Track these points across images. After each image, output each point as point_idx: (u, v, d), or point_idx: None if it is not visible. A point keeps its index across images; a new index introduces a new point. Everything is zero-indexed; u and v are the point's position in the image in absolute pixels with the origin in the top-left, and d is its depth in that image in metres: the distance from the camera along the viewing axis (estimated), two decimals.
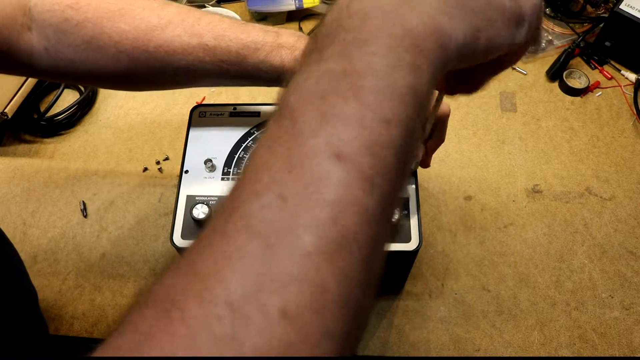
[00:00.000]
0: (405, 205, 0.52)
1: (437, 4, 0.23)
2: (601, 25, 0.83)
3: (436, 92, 0.40)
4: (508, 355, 0.61)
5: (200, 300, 0.18)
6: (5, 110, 0.76)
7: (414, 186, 0.53)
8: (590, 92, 0.81)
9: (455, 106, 0.80)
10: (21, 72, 0.48)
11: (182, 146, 0.56)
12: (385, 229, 0.21)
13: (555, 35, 0.87)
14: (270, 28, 0.47)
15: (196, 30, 0.45)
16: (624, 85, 0.81)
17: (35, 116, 0.80)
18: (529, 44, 0.28)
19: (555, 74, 0.82)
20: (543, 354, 0.61)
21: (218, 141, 0.56)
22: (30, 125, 0.80)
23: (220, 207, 0.21)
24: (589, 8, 0.88)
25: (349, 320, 0.19)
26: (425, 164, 0.54)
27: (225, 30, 0.45)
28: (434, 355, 0.61)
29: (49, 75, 0.48)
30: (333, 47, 0.22)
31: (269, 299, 0.18)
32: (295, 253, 0.18)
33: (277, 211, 0.19)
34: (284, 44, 0.46)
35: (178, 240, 0.51)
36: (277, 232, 0.19)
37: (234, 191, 0.21)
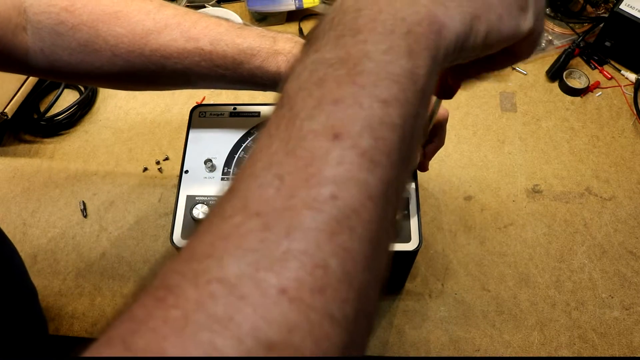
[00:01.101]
0: (405, 205, 0.52)
1: None
2: (601, 25, 0.83)
3: (434, 97, 0.40)
4: (508, 355, 0.61)
5: (196, 282, 0.17)
6: (5, 110, 0.76)
7: (414, 186, 0.53)
8: (590, 92, 0.81)
9: (455, 106, 0.80)
10: (17, 71, 0.48)
11: (182, 146, 0.56)
12: (390, 211, 0.21)
13: (555, 35, 0.87)
14: (267, 33, 0.47)
15: (192, 34, 0.45)
16: (624, 85, 0.81)
17: (35, 116, 0.80)
18: (538, 34, 0.27)
19: (555, 74, 0.82)
20: (543, 354, 0.61)
21: (218, 141, 0.56)
22: (30, 125, 0.80)
23: (221, 193, 0.21)
24: (589, 8, 0.88)
25: (352, 302, 0.18)
26: (423, 167, 0.54)
27: (222, 35, 0.45)
28: (434, 355, 0.61)
29: (45, 74, 0.48)
30: (327, 38, 0.22)
31: (266, 277, 0.17)
32: (294, 230, 0.18)
33: (275, 190, 0.19)
34: (280, 50, 0.45)
35: (178, 240, 0.51)
36: (275, 211, 0.18)
37: (235, 178, 0.21)
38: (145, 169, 0.76)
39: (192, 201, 0.53)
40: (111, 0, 0.45)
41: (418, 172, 0.54)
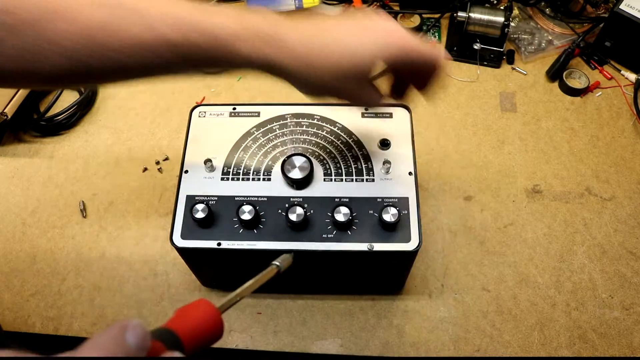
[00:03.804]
0: (405, 205, 0.52)
1: None
2: (601, 25, 0.83)
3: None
4: (508, 356, 0.61)
5: None
6: (5, 110, 0.76)
7: (414, 186, 0.53)
8: (590, 92, 0.81)
9: (455, 106, 0.80)
10: None
11: (182, 146, 0.56)
12: None
13: (555, 35, 0.87)
14: (233, 12, 0.42)
15: (149, 21, 0.39)
16: (624, 85, 0.81)
17: (35, 116, 0.80)
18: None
19: (555, 74, 0.82)
20: (543, 354, 0.61)
21: (218, 141, 0.56)
22: (30, 126, 0.80)
23: None
24: (589, 8, 0.88)
25: None
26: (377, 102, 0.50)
27: (184, 20, 0.40)
28: (434, 355, 0.61)
29: None
30: None
31: None
32: None
33: None
34: (250, 28, 0.41)
35: (178, 240, 0.51)
36: None
37: None
38: (145, 169, 0.76)
39: (192, 201, 0.53)
40: None
41: (418, 172, 0.54)
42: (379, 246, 0.50)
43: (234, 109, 0.59)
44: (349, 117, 0.58)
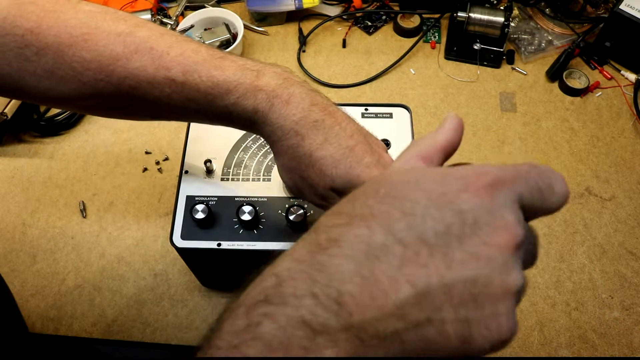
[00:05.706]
0: None
1: None
2: (601, 26, 0.83)
3: None
4: (508, 356, 0.61)
5: None
6: (5, 111, 0.76)
7: None
8: (590, 93, 0.81)
9: (455, 106, 0.80)
10: None
11: (182, 146, 0.56)
12: None
13: (555, 36, 0.87)
14: (252, 64, 0.41)
15: (164, 61, 0.40)
16: (624, 86, 0.81)
17: (35, 116, 0.80)
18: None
19: (555, 74, 0.82)
20: (543, 354, 0.61)
21: (218, 141, 0.56)
22: (30, 126, 0.80)
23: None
24: (589, 8, 0.88)
25: None
26: None
27: (197, 64, 0.40)
28: None
29: (19, 98, 0.44)
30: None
31: None
32: None
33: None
34: (262, 86, 0.40)
35: (178, 240, 0.51)
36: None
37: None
38: (145, 169, 0.76)
39: (192, 201, 0.53)
40: (80, 21, 0.40)
41: None
42: None
43: None
44: None
